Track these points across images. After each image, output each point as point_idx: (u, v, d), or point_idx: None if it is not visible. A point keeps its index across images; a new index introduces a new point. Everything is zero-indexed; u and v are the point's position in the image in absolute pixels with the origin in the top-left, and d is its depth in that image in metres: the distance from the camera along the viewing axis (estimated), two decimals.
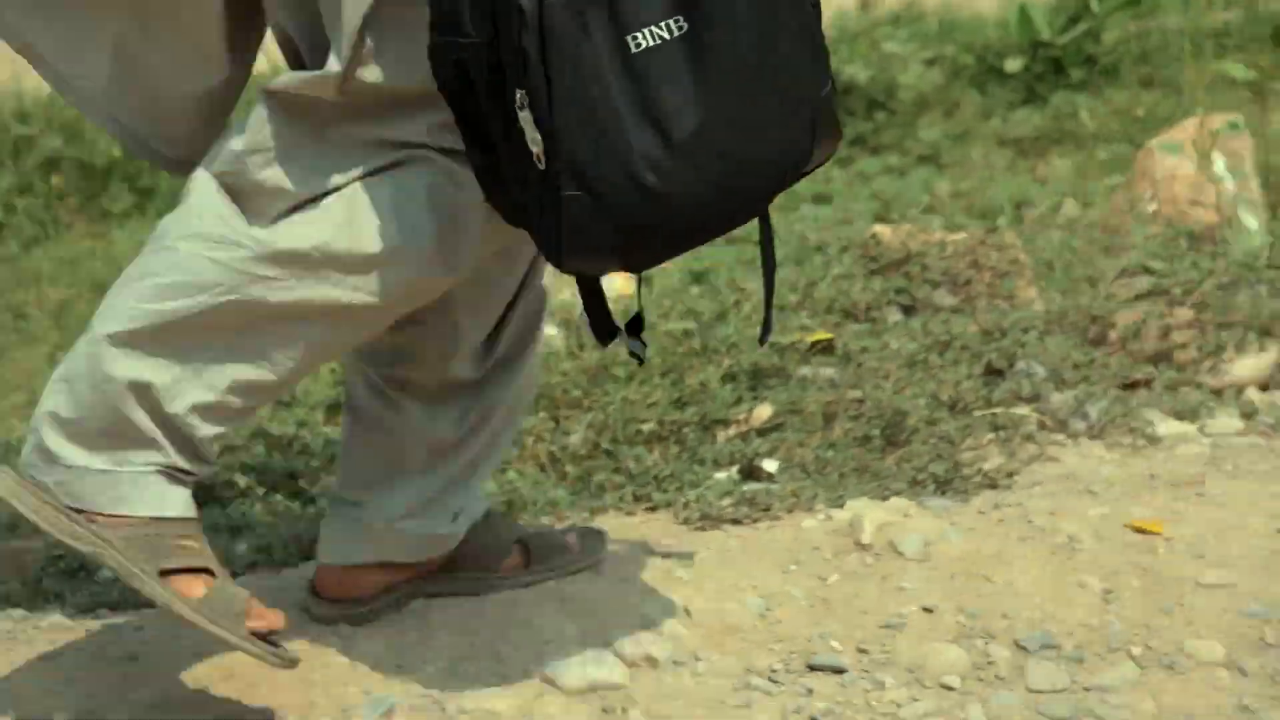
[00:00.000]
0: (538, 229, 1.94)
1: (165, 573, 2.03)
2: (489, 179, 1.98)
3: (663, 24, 1.89)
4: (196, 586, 2.04)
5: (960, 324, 3.19)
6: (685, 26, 1.89)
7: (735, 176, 1.93)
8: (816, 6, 1.98)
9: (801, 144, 1.97)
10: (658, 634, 2.31)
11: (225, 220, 2.02)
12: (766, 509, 2.61)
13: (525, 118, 1.88)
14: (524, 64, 1.86)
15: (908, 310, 3.24)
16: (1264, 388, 3.20)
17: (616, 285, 3.37)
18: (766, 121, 1.93)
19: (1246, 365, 3.20)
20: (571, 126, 1.88)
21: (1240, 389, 3.16)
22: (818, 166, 2.04)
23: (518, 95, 1.88)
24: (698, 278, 3.60)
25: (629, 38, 1.88)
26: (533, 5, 1.85)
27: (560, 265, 1.97)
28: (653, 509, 2.68)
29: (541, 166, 1.90)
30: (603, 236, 1.91)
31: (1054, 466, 2.84)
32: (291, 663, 2.07)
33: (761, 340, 2.14)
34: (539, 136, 1.88)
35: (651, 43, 1.88)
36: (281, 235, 2.01)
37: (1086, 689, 2.25)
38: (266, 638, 2.06)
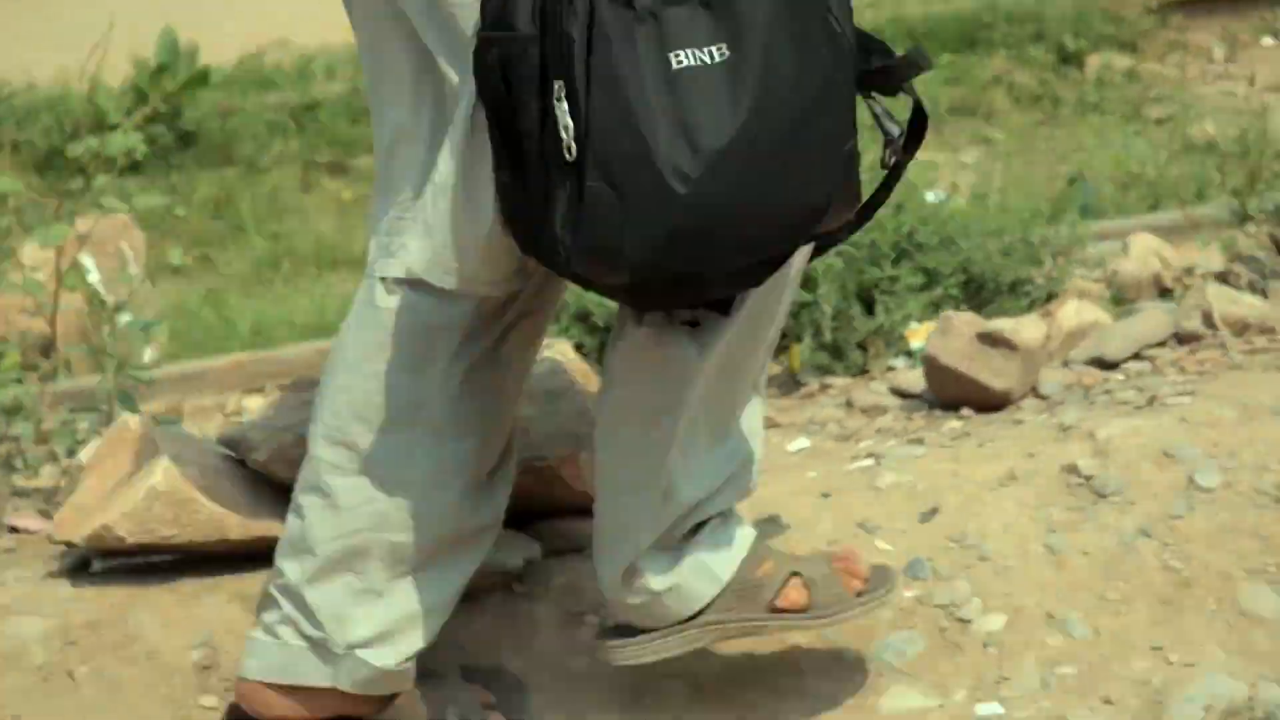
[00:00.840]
0: (557, 223, 1.98)
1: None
2: (511, 194, 2.05)
3: (705, 49, 1.98)
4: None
5: None
6: (728, 54, 1.98)
7: (759, 203, 1.99)
8: (848, 82, 2.06)
9: (824, 191, 2.03)
10: None
11: None
12: None
13: (561, 109, 1.96)
14: (570, 54, 1.95)
15: None
16: None
17: None
18: (793, 157, 2.00)
19: None
20: (605, 121, 1.95)
21: None
22: (832, 230, 2.11)
23: (556, 86, 1.96)
24: None
25: (671, 54, 1.97)
26: (584, 1, 1.96)
27: (569, 262, 2.00)
28: None
29: (570, 157, 1.95)
30: (618, 237, 1.96)
31: None
32: None
33: None
34: (571, 124, 1.95)
35: (692, 63, 1.98)
36: None
37: None
38: None
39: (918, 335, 3.70)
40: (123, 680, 2.51)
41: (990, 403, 3.30)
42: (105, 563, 2.78)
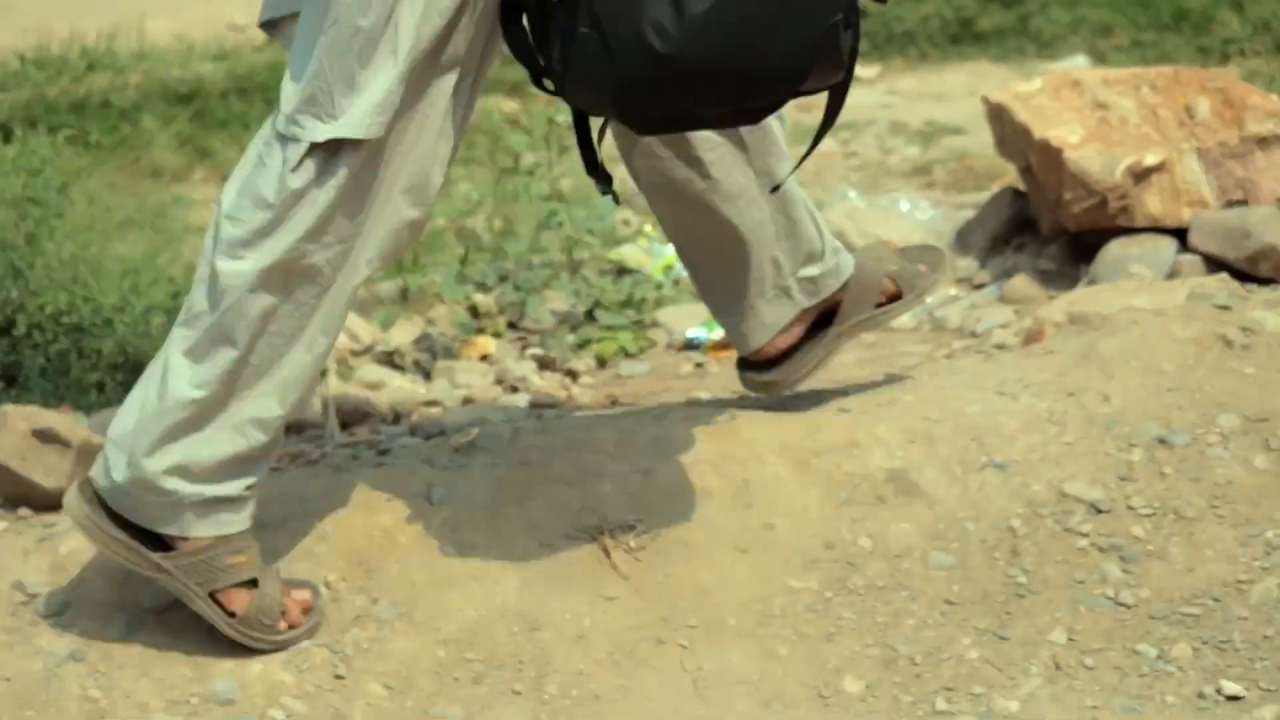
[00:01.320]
0: (555, 59, 2.17)
1: (214, 593, 2.49)
2: (518, 42, 2.25)
3: None
4: (240, 600, 2.48)
5: None
6: None
7: (734, 63, 2.10)
8: None
9: (801, 58, 2.14)
10: None
11: None
12: None
13: None
14: None
15: None
16: None
17: None
18: (774, 23, 2.10)
19: None
20: None
21: None
22: (814, 91, 2.21)
23: None
24: None
25: None
26: None
27: (563, 92, 2.19)
28: None
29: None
30: (604, 79, 2.13)
31: None
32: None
33: None
34: None
35: None
36: None
37: None
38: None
39: None
40: None
41: (48, 502, 3.15)
42: None
